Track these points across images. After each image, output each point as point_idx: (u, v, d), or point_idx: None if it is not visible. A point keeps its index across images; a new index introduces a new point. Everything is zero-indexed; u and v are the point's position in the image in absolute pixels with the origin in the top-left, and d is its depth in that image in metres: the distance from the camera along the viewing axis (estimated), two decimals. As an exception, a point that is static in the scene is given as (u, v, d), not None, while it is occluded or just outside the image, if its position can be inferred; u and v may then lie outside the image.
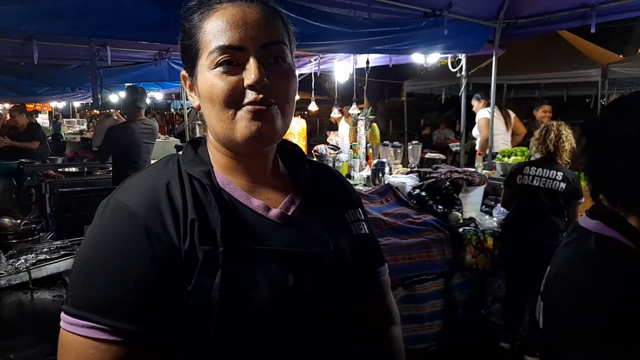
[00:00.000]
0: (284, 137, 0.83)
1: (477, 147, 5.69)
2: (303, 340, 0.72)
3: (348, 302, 0.79)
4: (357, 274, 0.81)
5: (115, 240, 0.67)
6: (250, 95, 0.71)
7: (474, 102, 5.84)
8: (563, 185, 2.93)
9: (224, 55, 0.71)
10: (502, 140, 5.53)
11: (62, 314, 0.66)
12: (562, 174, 2.95)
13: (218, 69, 0.71)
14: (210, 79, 0.72)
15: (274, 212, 0.77)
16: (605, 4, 3.72)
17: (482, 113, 5.62)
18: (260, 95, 0.71)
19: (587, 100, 9.90)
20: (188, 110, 8.16)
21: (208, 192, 0.72)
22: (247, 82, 0.70)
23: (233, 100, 0.71)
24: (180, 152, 0.82)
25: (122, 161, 4.08)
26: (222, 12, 0.73)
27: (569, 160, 3.04)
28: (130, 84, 4.05)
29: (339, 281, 0.77)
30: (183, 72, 0.80)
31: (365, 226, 0.89)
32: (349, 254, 0.79)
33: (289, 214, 0.78)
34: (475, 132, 5.85)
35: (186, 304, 0.66)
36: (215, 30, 0.72)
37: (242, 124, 0.71)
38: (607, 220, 0.88)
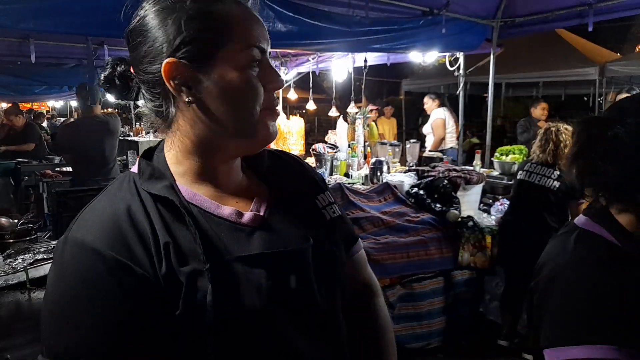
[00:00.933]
0: None
1: (428, 146, 5.86)
2: (299, 337, 0.72)
3: (334, 289, 0.79)
4: (338, 260, 0.81)
5: (80, 282, 0.62)
6: (273, 98, 0.74)
7: (428, 101, 5.99)
8: (557, 184, 2.94)
9: (259, 56, 0.71)
10: (452, 137, 5.78)
11: None
12: (558, 173, 2.96)
13: (252, 67, 0.70)
14: (242, 75, 0.69)
15: (246, 216, 0.74)
16: (603, 3, 3.73)
17: (437, 113, 5.80)
18: (277, 99, 0.75)
19: (585, 98, 9.92)
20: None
21: (175, 210, 0.67)
22: (273, 85, 0.73)
23: (259, 100, 0.71)
24: (134, 169, 0.75)
25: (74, 159, 4.03)
26: (242, 9, 0.71)
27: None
28: (81, 82, 4.00)
29: (325, 271, 0.77)
30: (174, 60, 0.67)
31: (336, 208, 0.88)
32: (327, 242, 0.79)
33: (262, 214, 0.76)
34: (426, 129, 6.00)
35: (175, 330, 0.63)
36: (249, 27, 0.70)
37: (266, 125, 0.73)
38: (594, 217, 0.92)
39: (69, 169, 5.18)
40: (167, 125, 0.73)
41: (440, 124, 5.73)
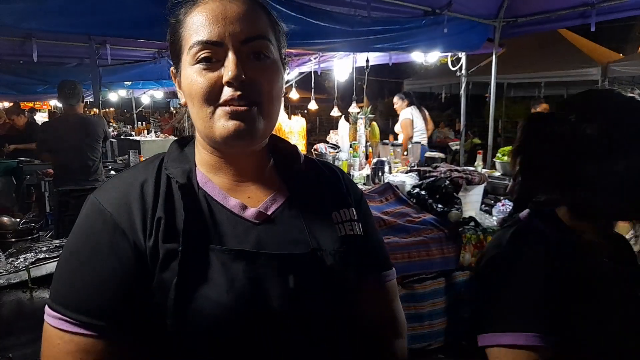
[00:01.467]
0: (281, 136, 0.83)
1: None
2: (269, 343, 0.68)
3: (327, 304, 0.74)
4: (340, 275, 0.76)
5: (84, 236, 0.69)
6: (227, 93, 0.69)
7: (397, 101, 6.00)
8: None
9: (204, 51, 0.69)
10: (422, 135, 5.85)
11: (45, 307, 0.69)
12: None
13: (198, 65, 0.70)
14: (191, 75, 0.71)
15: (250, 211, 0.74)
16: (606, 3, 3.73)
17: (405, 113, 5.84)
18: (238, 93, 0.68)
19: (587, 99, 9.86)
20: (177, 108, 8.14)
21: (184, 191, 0.72)
22: (224, 78, 0.68)
23: (211, 97, 0.69)
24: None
25: (54, 157, 3.98)
26: (203, 7, 0.71)
27: None
28: (63, 80, 3.97)
29: (315, 283, 0.73)
30: (172, 69, 0.79)
31: (357, 227, 0.83)
32: (331, 255, 0.75)
33: (268, 213, 0.76)
34: (397, 129, 6.03)
35: (150, 301, 0.66)
36: (195, 26, 0.70)
37: (220, 123, 0.70)
38: (534, 210, 0.98)
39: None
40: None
41: (408, 123, 5.79)
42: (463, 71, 5.10)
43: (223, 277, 0.66)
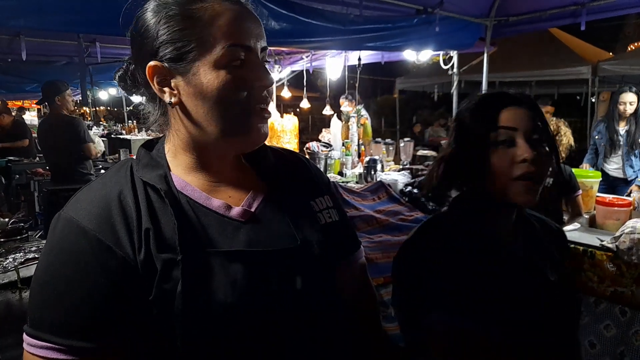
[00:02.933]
0: None
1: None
2: (276, 339, 0.70)
3: (321, 291, 0.78)
4: (327, 263, 0.79)
5: (64, 257, 0.65)
6: (264, 98, 0.73)
7: (345, 102, 5.86)
8: (549, 180, 2.95)
9: (239, 54, 0.70)
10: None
11: (24, 335, 0.65)
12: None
13: (231, 66, 0.70)
14: (221, 75, 0.69)
15: (235, 210, 0.75)
16: (595, 2, 3.75)
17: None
18: (268, 98, 0.74)
19: (578, 97, 9.98)
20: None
21: (164, 198, 0.69)
22: (262, 83, 0.72)
23: (245, 100, 0.71)
24: (134, 157, 0.79)
25: (44, 157, 4.06)
26: (228, 10, 0.70)
27: (564, 156, 3.07)
28: (46, 80, 3.97)
29: (309, 274, 0.75)
30: (156, 63, 0.71)
31: (334, 213, 0.87)
32: (317, 245, 0.77)
33: (252, 210, 0.76)
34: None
35: (149, 315, 0.65)
36: (226, 26, 0.69)
37: (256, 126, 0.73)
38: (450, 202, 1.08)
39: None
40: (164, 121, 0.76)
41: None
42: (455, 70, 5.12)
43: (225, 278, 0.67)
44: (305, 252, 0.76)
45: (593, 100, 7.49)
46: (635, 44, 10.74)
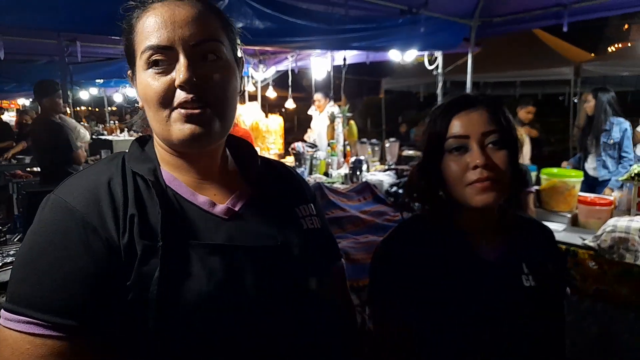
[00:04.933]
0: (237, 135, 0.85)
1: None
2: (246, 335, 0.71)
3: (298, 294, 0.79)
4: (306, 267, 0.80)
5: (51, 235, 0.67)
6: (181, 96, 0.70)
7: (320, 99, 5.72)
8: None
9: (155, 55, 0.71)
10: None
11: (1, 311, 0.66)
12: None
13: (150, 69, 0.72)
14: (145, 79, 0.72)
15: (219, 207, 0.77)
16: (578, 4, 3.81)
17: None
18: (191, 96, 0.70)
19: (561, 98, 10.12)
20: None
21: (151, 189, 0.72)
22: (176, 82, 0.70)
23: (166, 101, 0.71)
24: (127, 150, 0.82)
25: (35, 157, 4.03)
26: (152, 12, 0.72)
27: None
28: (39, 80, 3.92)
29: (287, 275, 0.77)
30: (129, 72, 0.79)
31: (317, 221, 0.89)
32: (297, 248, 0.79)
33: (236, 209, 0.78)
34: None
35: (125, 299, 0.65)
36: (146, 31, 0.72)
37: (176, 127, 0.71)
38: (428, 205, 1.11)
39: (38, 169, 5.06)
40: None
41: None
42: (439, 70, 5.14)
43: (202, 270, 0.68)
44: (285, 252, 0.77)
45: (575, 100, 7.59)
46: (616, 45, 10.94)
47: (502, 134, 0.96)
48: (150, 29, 0.71)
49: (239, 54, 0.82)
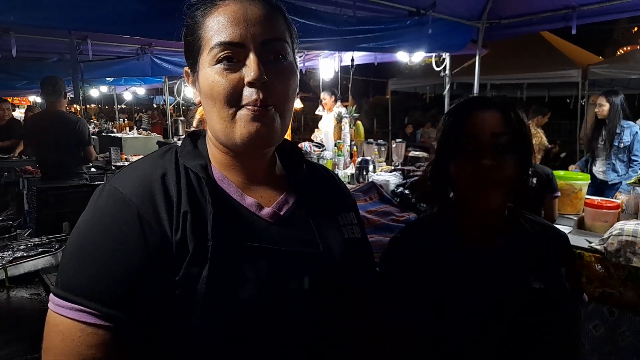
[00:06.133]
0: (285, 137, 0.82)
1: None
2: (287, 337, 0.72)
3: (336, 302, 0.79)
4: (346, 275, 0.81)
5: (106, 226, 0.67)
6: (249, 94, 0.70)
7: (326, 97, 5.68)
8: (533, 180, 2.98)
9: (225, 52, 0.70)
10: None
11: (51, 296, 0.67)
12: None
13: (218, 65, 0.71)
14: (211, 75, 0.71)
15: (266, 210, 0.77)
16: (586, 6, 3.79)
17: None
18: (260, 95, 0.70)
19: (568, 100, 10.07)
20: (171, 105, 8.04)
21: (203, 186, 0.72)
22: (247, 79, 0.70)
23: (233, 98, 0.71)
24: (179, 144, 0.82)
25: (35, 154, 4.06)
26: (223, 9, 0.72)
27: (538, 157, 3.11)
28: (45, 76, 3.93)
29: (327, 282, 0.77)
30: (186, 68, 0.79)
31: (357, 230, 0.89)
32: (338, 256, 0.80)
33: (282, 213, 0.79)
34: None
35: (173, 294, 0.66)
36: (216, 27, 0.71)
37: (242, 125, 0.71)
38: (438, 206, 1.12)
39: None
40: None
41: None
42: (447, 72, 5.14)
43: (250, 272, 0.69)
44: (327, 260, 0.78)
45: (583, 103, 7.56)
46: (625, 48, 10.87)
47: (514, 136, 0.96)
48: (222, 25, 0.71)
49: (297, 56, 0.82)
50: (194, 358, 0.68)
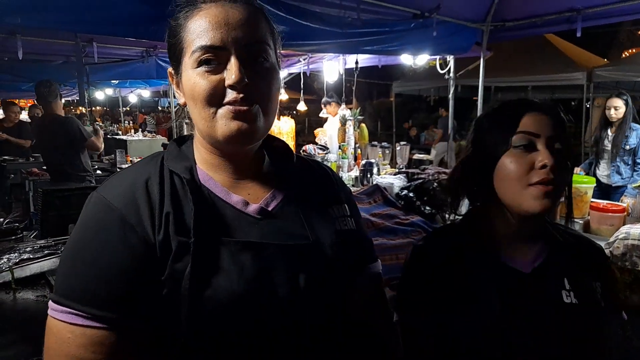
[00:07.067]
0: (273, 135, 0.84)
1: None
2: (275, 331, 0.73)
3: (328, 294, 0.79)
4: (338, 267, 0.80)
5: (92, 231, 0.71)
6: (230, 95, 0.72)
7: (328, 105, 5.66)
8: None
9: (206, 55, 0.72)
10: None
11: (49, 302, 0.70)
12: None
13: (200, 68, 0.73)
14: (193, 77, 0.73)
15: (252, 207, 0.78)
16: (591, 9, 3.78)
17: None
18: (241, 95, 0.72)
19: (573, 103, 10.04)
20: (176, 108, 8.04)
21: (186, 187, 0.74)
22: (227, 82, 0.71)
23: (214, 99, 0.72)
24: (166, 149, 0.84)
25: (41, 157, 4.08)
26: (205, 12, 0.73)
27: None
28: (40, 79, 3.97)
29: (318, 273, 0.77)
30: (170, 69, 0.81)
31: (351, 222, 0.89)
32: (329, 248, 0.80)
33: (269, 209, 0.80)
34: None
35: (160, 293, 0.68)
36: (198, 30, 0.73)
37: (223, 123, 0.72)
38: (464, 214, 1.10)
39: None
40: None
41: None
42: (451, 74, 5.14)
43: (233, 266, 0.70)
44: (316, 251, 0.78)
45: (588, 105, 7.54)
46: (630, 50, 10.83)
47: (565, 143, 0.93)
48: (203, 28, 0.72)
49: (279, 56, 0.84)
50: (184, 355, 0.70)
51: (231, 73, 0.71)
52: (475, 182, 1.01)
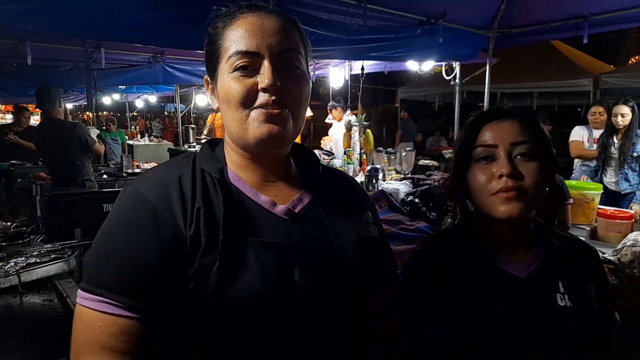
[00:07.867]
0: (300, 143, 0.87)
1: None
2: (294, 330, 0.74)
3: (348, 298, 0.80)
4: (359, 273, 0.82)
5: (125, 223, 0.74)
6: (262, 98, 0.75)
7: (334, 110, 5.60)
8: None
9: (242, 61, 0.76)
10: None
11: (78, 290, 0.72)
12: None
13: (235, 72, 0.76)
14: (228, 81, 0.77)
15: (280, 207, 0.81)
16: (598, 15, 3.77)
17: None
18: (273, 98, 0.75)
19: (579, 109, 10.00)
20: (182, 114, 8.11)
21: (216, 186, 0.77)
22: (260, 85, 0.75)
23: (247, 101, 0.76)
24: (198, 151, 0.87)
25: (43, 161, 4.12)
26: (242, 21, 0.78)
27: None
28: (39, 85, 4.03)
29: (339, 278, 0.79)
30: (206, 77, 0.86)
31: (374, 229, 0.91)
32: (351, 253, 0.81)
33: (296, 211, 0.82)
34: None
35: (188, 287, 0.70)
36: (234, 37, 0.77)
37: (255, 126, 0.76)
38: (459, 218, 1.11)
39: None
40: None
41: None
42: (457, 80, 5.14)
43: (258, 265, 0.72)
44: (339, 256, 0.80)
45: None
46: (636, 57, 10.79)
47: (534, 145, 0.95)
48: (239, 35, 0.77)
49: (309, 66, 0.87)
50: (206, 349, 0.71)
51: (264, 77, 0.74)
52: (461, 192, 1.04)
